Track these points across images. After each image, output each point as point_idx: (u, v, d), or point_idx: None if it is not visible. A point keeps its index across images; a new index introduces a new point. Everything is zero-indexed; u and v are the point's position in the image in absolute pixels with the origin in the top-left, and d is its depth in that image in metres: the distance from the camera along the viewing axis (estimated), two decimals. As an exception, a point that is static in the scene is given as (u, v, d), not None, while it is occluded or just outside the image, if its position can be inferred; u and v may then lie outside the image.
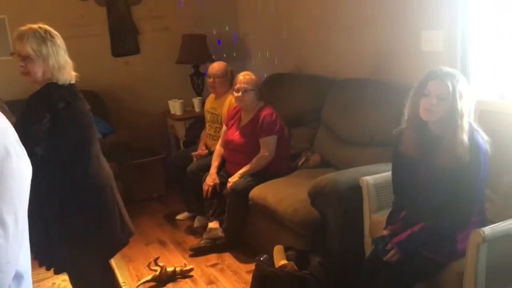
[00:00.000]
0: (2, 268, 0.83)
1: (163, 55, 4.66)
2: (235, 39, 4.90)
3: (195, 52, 4.49)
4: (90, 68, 4.32)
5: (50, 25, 4.45)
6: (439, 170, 1.96)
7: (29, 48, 2.03)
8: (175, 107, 4.46)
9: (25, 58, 2.04)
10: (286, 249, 2.46)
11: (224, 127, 3.54)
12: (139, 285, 2.90)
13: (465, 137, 1.90)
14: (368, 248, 2.44)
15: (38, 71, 2.06)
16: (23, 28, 2.08)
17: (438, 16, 2.78)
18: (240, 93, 3.29)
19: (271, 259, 2.43)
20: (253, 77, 3.35)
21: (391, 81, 3.08)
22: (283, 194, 2.91)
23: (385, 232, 2.10)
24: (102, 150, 2.45)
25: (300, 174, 3.29)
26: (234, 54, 4.81)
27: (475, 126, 1.98)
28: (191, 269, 3.04)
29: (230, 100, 3.62)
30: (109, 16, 4.47)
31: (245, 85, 3.29)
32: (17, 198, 0.87)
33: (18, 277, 0.92)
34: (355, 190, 2.48)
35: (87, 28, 4.36)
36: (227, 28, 4.85)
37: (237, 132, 3.36)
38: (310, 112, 3.65)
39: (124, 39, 4.57)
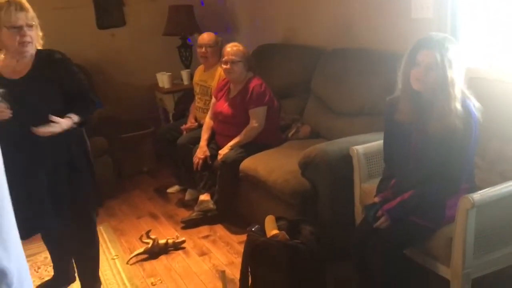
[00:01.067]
0: None
1: (150, 27, 4.58)
2: (222, 8, 4.82)
3: (182, 23, 4.41)
4: (75, 41, 4.26)
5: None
6: (431, 137, 1.96)
7: (34, 15, 2.07)
8: (163, 80, 4.40)
9: (31, 26, 2.07)
10: (278, 219, 2.48)
11: (214, 99, 3.51)
12: (131, 258, 2.91)
13: (458, 105, 1.90)
14: (359, 217, 2.46)
15: (38, 38, 2.14)
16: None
17: (428, -18, 2.74)
18: (228, 65, 3.25)
19: (262, 229, 2.44)
20: (241, 48, 3.31)
21: (381, 50, 3.06)
22: (274, 165, 2.91)
23: (375, 200, 2.11)
24: (90, 125, 2.47)
25: (290, 145, 3.29)
26: (222, 25, 4.74)
27: (468, 93, 1.98)
28: (183, 241, 3.06)
29: (220, 71, 3.58)
30: (91, -12, 4.36)
31: (233, 57, 3.25)
32: None
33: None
34: (345, 159, 2.49)
35: (71, 0, 4.26)
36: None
37: (226, 104, 3.34)
38: (299, 83, 3.63)
39: (108, 10, 4.47)
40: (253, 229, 2.41)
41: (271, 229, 2.38)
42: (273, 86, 3.41)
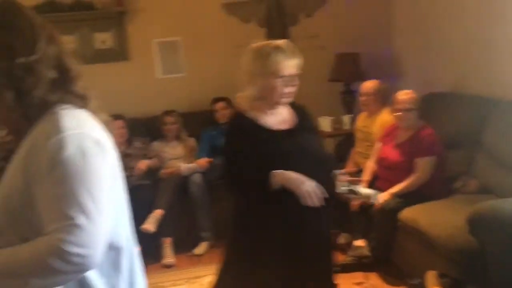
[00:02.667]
0: (89, 244, 1.00)
1: (315, 73, 4.80)
2: (388, 56, 4.86)
3: (347, 70, 4.55)
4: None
5: (218, 44, 4.89)
6: None
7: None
8: (325, 123, 4.56)
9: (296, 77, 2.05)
10: (440, 275, 2.39)
11: (379, 144, 3.54)
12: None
13: None
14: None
15: None
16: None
17: None
18: (401, 113, 3.27)
19: (423, 285, 2.37)
20: (414, 95, 3.31)
21: None
22: (438, 219, 2.81)
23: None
24: None
25: (456, 198, 3.14)
26: (387, 72, 4.77)
27: None
28: (335, 285, 3.07)
29: (383, 117, 3.61)
30: (268, 36, 4.75)
31: (407, 105, 3.26)
32: (96, 190, 1.04)
33: (116, 248, 1.14)
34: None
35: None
36: (380, 46, 4.84)
37: (393, 150, 3.34)
38: (468, 134, 3.47)
39: (279, 57, 4.82)
40: (414, 282, 2.35)
41: (433, 286, 2.30)
42: (439, 136, 3.32)
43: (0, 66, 1.05)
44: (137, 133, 4.10)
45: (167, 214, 3.65)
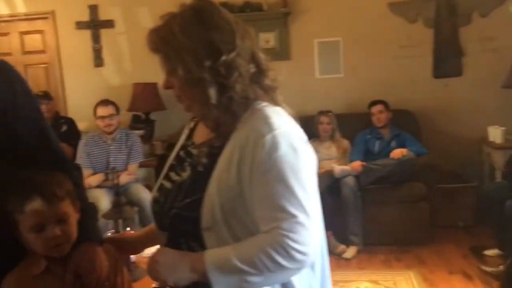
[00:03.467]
0: (310, 242, 1.02)
1: (488, 78, 4.39)
2: None
3: (527, 76, 4.05)
4: (408, 88, 4.47)
5: (380, 45, 4.79)
6: None
7: None
8: (495, 134, 4.13)
9: None
10: None
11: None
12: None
13: None
14: None
15: None
16: None
17: None
18: None
19: None
20: None
21: None
22: None
23: None
24: (414, 170, 2.38)
25: None
26: None
27: None
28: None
29: None
30: (435, 37, 4.47)
31: None
32: (309, 186, 1.05)
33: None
34: None
35: (412, 49, 4.48)
36: None
37: None
38: None
39: (446, 60, 4.50)
40: None
41: None
42: None
43: (205, 64, 1.08)
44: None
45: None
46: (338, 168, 3.88)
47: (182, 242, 1.14)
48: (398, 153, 3.88)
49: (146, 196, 3.63)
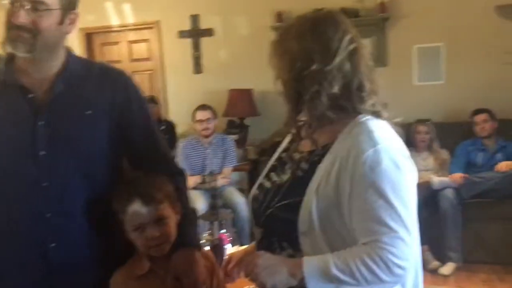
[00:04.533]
0: (409, 257, 1.04)
1: None
2: None
3: None
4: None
5: (485, 51, 4.52)
6: None
7: None
8: None
9: None
10: None
11: None
12: None
13: None
14: None
15: None
16: None
17: None
18: None
19: None
20: None
21: None
22: None
23: None
24: None
25: None
26: None
27: None
28: None
29: None
30: (550, 42, 4.12)
31: None
32: (409, 202, 1.07)
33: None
34: None
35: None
36: None
37: None
38: None
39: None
40: None
41: None
42: None
43: (295, 68, 1.13)
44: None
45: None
46: (437, 180, 3.71)
47: (274, 240, 1.19)
48: (504, 166, 3.63)
49: (239, 199, 3.73)
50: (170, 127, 4.65)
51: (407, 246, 1.03)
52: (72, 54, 1.39)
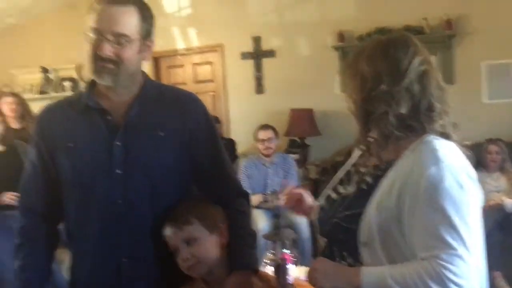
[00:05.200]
0: (468, 276, 1.01)
1: None
2: None
3: None
4: None
5: None
6: None
7: None
8: None
9: None
10: None
11: None
12: None
13: None
14: None
15: None
16: None
17: None
18: None
19: None
20: None
21: None
22: None
23: None
24: None
25: None
26: None
27: None
28: None
29: None
30: None
31: None
32: (471, 222, 1.06)
33: None
34: None
35: None
36: None
37: None
38: None
39: None
40: None
41: None
42: None
43: (368, 87, 1.16)
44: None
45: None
46: (510, 202, 3.52)
47: (335, 249, 1.23)
48: None
49: (301, 220, 3.71)
50: (230, 144, 4.74)
51: (466, 265, 1.01)
52: (148, 78, 1.47)
